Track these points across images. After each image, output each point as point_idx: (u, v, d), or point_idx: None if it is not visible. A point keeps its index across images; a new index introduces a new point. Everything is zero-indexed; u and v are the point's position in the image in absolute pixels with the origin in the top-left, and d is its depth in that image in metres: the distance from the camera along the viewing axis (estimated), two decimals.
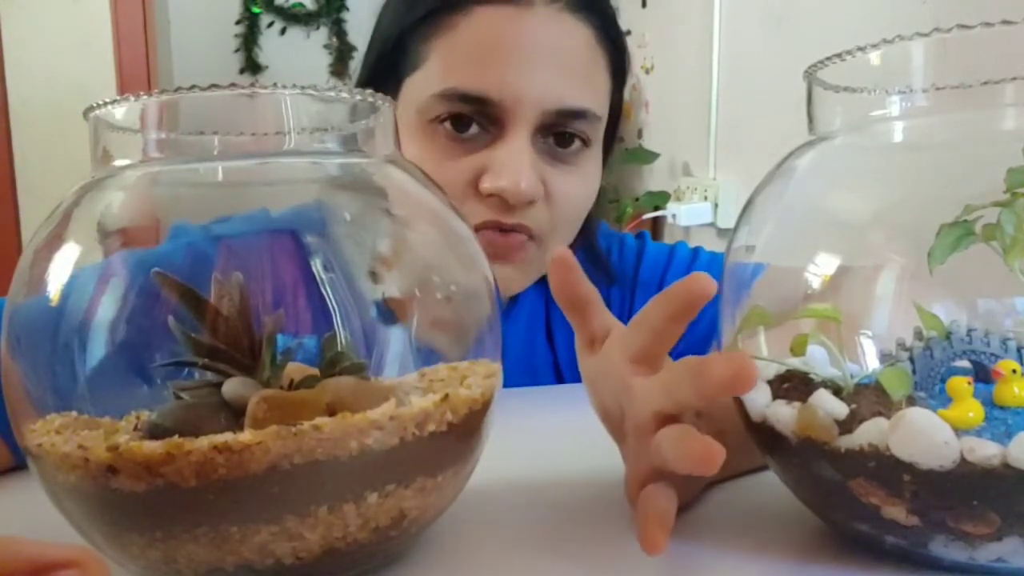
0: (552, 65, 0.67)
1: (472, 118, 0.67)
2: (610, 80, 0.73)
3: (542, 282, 0.79)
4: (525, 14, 0.66)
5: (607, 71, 0.72)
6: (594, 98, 0.70)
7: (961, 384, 0.34)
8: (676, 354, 0.81)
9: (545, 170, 0.69)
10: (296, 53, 3.36)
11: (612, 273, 0.84)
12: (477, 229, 0.42)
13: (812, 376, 0.40)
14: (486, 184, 0.66)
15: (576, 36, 0.69)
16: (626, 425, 0.42)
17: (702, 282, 0.38)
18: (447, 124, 0.67)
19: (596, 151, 0.74)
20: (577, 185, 0.72)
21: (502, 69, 0.66)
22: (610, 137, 0.79)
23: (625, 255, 0.85)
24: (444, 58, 0.67)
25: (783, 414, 0.37)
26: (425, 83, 0.68)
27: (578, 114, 0.69)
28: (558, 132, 0.69)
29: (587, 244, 0.81)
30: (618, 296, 0.84)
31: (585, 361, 0.45)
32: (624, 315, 0.80)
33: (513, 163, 0.66)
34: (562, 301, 0.44)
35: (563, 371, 0.83)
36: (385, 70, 0.72)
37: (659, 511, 0.38)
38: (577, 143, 0.70)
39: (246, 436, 0.32)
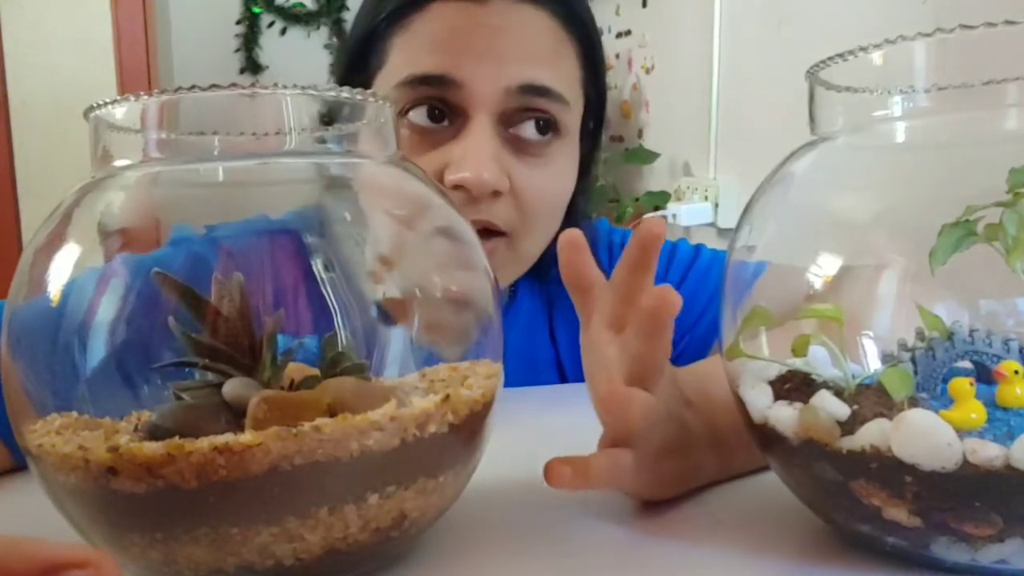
0: (511, 45, 0.66)
1: (436, 107, 0.66)
2: (580, 69, 0.71)
3: (542, 282, 0.78)
4: (479, 9, 0.66)
5: (576, 58, 0.71)
6: (559, 79, 0.68)
7: (963, 385, 0.34)
8: (678, 354, 0.81)
9: (511, 162, 0.67)
10: (296, 53, 3.36)
11: (612, 252, 0.84)
12: None
13: (814, 377, 0.40)
14: (449, 176, 0.65)
15: (536, 22, 0.68)
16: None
17: (650, 226, 0.39)
18: (411, 115, 0.67)
19: (570, 144, 0.72)
20: (545, 178, 0.69)
21: (459, 51, 0.65)
22: (595, 134, 0.77)
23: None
24: (402, 51, 0.67)
25: (784, 415, 0.37)
26: (388, 79, 0.68)
27: (541, 91, 0.67)
28: (526, 117, 0.68)
29: None
30: None
31: (582, 341, 0.46)
32: None
33: (475, 153, 0.65)
34: (567, 281, 0.44)
35: (566, 369, 0.83)
36: (355, 75, 0.72)
37: (584, 460, 0.40)
38: (549, 134, 0.68)
39: (247, 437, 0.32)
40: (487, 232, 0.68)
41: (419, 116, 0.67)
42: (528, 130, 0.68)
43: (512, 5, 0.67)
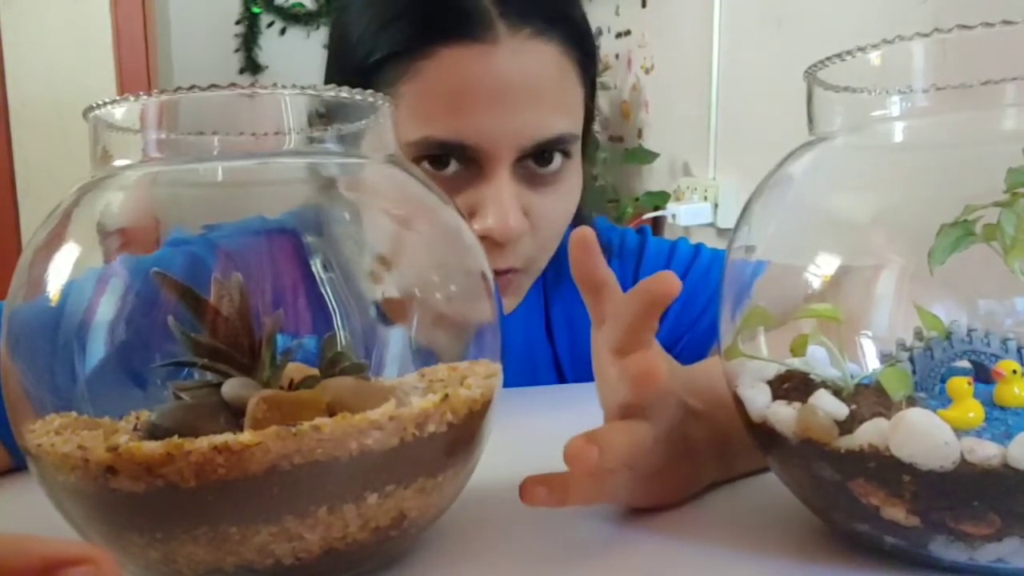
0: (525, 100, 0.65)
1: (450, 158, 0.66)
2: (582, 86, 0.71)
3: (538, 279, 0.78)
4: (491, 51, 0.64)
5: (579, 80, 0.70)
6: (570, 118, 0.69)
7: (961, 384, 0.34)
8: (679, 353, 0.81)
9: (527, 197, 0.68)
10: (296, 53, 3.36)
11: (611, 251, 0.85)
12: None
13: (812, 376, 0.40)
14: (475, 227, 0.65)
15: (545, 60, 0.67)
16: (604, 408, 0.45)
17: (666, 281, 0.39)
18: (425, 164, 0.66)
19: (577, 161, 0.73)
20: (559, 201, 0.71)
21: (476, 114, 0.64)
22: (587, 129, 0.77)
23: (626, 251, 0.85)
24: (415, 106, 0.65)
25: (783, 414, 0.37)
26: (399, 126, 0.67)
27: (555, 141, 0.68)
28: (539, 156, 0.68)
29: None
30: None
31: (593, 345, 0.46)
32: None
33: (499, 203, 0.65)
34: (578, 281, 0.44)
35: (564, 367, 0.83)
36: None
37: (562, 478, 0.39)
38: (557, 161, 0.69)
39: (246, 437, 0.32)
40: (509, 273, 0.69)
41: (431, 163, 0.67)
42: (541, 161, 0.69)
43: (522, 44, 0.65)
